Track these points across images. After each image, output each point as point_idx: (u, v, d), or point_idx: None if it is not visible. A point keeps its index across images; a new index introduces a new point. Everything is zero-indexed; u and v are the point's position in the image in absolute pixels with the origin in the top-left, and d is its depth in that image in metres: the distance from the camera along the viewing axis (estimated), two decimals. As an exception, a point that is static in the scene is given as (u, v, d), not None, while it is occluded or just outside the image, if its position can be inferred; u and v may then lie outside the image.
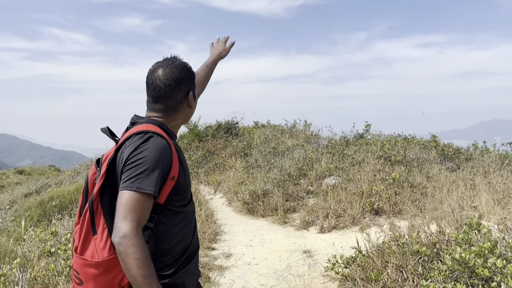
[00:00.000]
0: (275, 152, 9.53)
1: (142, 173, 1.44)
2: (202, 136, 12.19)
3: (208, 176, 9.89)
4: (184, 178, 1.63)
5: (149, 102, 1.69)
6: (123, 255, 1.34)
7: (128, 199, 1.40)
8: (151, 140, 1.52)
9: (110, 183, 1.54)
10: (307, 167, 7.93)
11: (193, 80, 1.75)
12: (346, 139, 10.27)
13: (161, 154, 1.50)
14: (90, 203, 1.50)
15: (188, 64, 1.75)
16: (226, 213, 7.21)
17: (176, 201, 1.60)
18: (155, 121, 1.65)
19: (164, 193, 1.53)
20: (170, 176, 1.53)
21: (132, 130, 1.59)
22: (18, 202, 11.35)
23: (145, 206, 1.43)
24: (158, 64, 1.70)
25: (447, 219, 4.71)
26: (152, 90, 1.66)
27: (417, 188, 6.32)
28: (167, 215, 1.58)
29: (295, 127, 12.86)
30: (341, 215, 5.87)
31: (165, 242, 1.57)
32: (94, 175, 1.61)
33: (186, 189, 1.66)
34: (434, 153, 7.97)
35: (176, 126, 1.75)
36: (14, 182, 25.08)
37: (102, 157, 1.63)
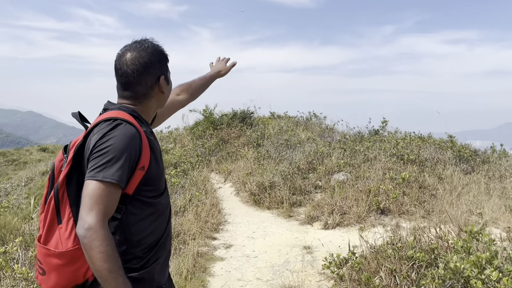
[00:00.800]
0: (287, 144, 9.46)
1: (108, 162, 1.39)
2: (217, 124, 12.19)
3: (219, 164, 9.90)
4: (157, 168, 1.57)
5: (119, 89, 1.63)
6: (87, 248, 1.30)
7: (94, 190, 1.35)
8: (119, 127, 1.46)
9: (77, 170, 1.49)
10: (317, 162, 7.85)
11: (164, 64, 1.67)
12: (360, 134, 10.13)
13: (129, 142, 1.44)
14: (55, 190, 1.46)
15: (160, 47, 1.67)
16: (233, 203, 7.22)
17: (147, 192, 1.54)
18: (126, 108, 1.59)
19: (133, 183, 1.47)
20: (140, 166, 1.47)
21: (101, 117, 1.53)
22: (35, 179, 11.65)
23: (111, 197, 1.38)
24: (126, 47, 1.62)
25: (453, 223, 4.60)
26: (120, 76, 1.60)
27: (427, 189, 6.18)
28: (137, 206, 1.52)
29: (310, 120, 12.76)
30: (346, 212, 5.80)
31: (134, 234, 1.52)
32: (61, 162, 1.57)
33: (159, 179, 1.60)
34: (449, 154, 7.78)
35: (149, 113, 1.68)
36: (36, 159, 25.77)
37: (70, 144, 1.58)
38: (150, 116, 1.71)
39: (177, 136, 12.97)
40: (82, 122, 1.63)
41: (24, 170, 21.34)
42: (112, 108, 1.59)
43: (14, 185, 11.38)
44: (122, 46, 1.64)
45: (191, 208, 5.85)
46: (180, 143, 12.26)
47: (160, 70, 1.64)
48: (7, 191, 10.15)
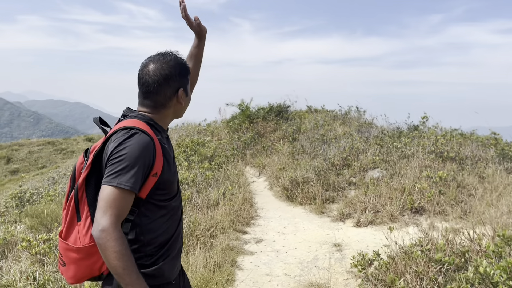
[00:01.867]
0: (323, 139, 9.40)
1: (123, 169, 1.49)
2: (253, 118, 12.27)
3: (254, 158, 9.99)
4: (169, 173, 1.66)
5: (140, 97, 1.72)
6: (102, 248, 1.43)
7: (108, 194, 1.47)
8: (135, 137, 1.55)
9: (96, 174, 1.61)
10: (353, 158, 7.76)
11: (185, 76, 1.75)
12: (399, 130, 9.88)
13: (143, 151, 1.54)
14: (75, 191, 1.59)
15: (182, 60, 1.75)
16: (266, 197, 7.28)
17: (160, 195, 1.65)
18: (143, 117, 1.68)
19: (146, 188, 1.58)
20: (153, 172, 1.57)
21: (119, 125, 1.64)
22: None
23: (124, 201, 1.49)
24: (150, 59, 1.71)
25: (491, 225, 4.44)
26: (141, 85, 1.69)
27: (465, 188, 5.98)
28: (150, 209, 1.63)
29: (348, 114, 12.57)
30: (380, 210, 5.72)
31: (146, 234, 1.63)
32: (81, 164, 1.69)
33: (171, 184, 1.69)
34: (492, 152, 7.47)
35: (165, 121, 1.77)
36: (82, 148, 26.92)
37: (90, 148, 1.70)
38: (167, 124, 1.80)
39: (215, 129, 13.17)
40: (103, 127, 1.74)
41: (71, 159, 22.40)
42: (130, 116, 1.69)
43: (61, 173, 11.98)
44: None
45: (224, 202, 5.96)
46: (217, 136, 12.45)
47: (180, 83, 1.72)
48: (54, 180, 10.71)
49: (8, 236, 4.79)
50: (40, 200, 7.35)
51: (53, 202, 6.08)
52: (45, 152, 27.09)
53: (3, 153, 26.59)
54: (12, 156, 26.33)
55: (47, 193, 7.31)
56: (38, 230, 5.22)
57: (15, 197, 8.14)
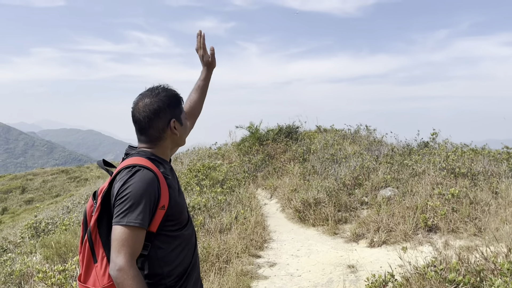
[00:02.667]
0: (333, 159, 9.41)
1: (130, 207, 1.55)
2: (263, 140, 12.35)
3: (265, 180, 10.01)
4: (176, 204, 1.70)
5: (137, 134, 1.80)
6: (120, 287, 1.49)
7: (120, 234, 1.53)
8: (138, 174, 1.62)
9: (107, 214, 1.67)
10: (364, 177, 7.76)
11: (176, 106, 1.80)
12: (409, 147, 9.86)
13: (147, 187, 1.59)
14: (88, 234, 1.65)
15: (171, 91, 1.81)
16: (279, 220, 7.28)
17: (171, 226, 1.69)
18: (144, 153, 1.74)
19: (155, 222, 1.63)
20: (160, 205, 1.63)
21: (122, 164, 1.71)
22: (93, 197, 12.34)
23: (136, 239, 1.55)
24: (140, 96, 1.78)
25: (506, 242, 4.39)
26: (134, 122, 1.77)
27: (479, 204, 5.93)
28: (163, 240, 1.68)
29: (358, 132, 12.58)
30: (393, 229, 5.69)
31: (164, 266, 1.68)
32: (91, 207, 1.75)
33: (180, 214, 1.74)
34: (504, 166, 7.40)
35: (165, 152, 1.82)
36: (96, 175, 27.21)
37: (98, 190, 1.76)
38: (168, 155, 1.85)
39: (225, 152, 13.26)
40: (106, 168, 1.82)
41: (85, 186, 22.61)
42: (132, 154, 1.76)
43: (75, 202, 12.12)
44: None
45: (236, 226, 5.98)
46: (228, 159, 12.53)
47: (171, 114, 1.78)
48: (69, 209, 10.83)
49: (24, 268, 4.87)
50: (55, 230, 7.44)
51: (68, 231, 6.16)
52: (59, 181, 27.42)
53: (18, 183, 26.99)
54: (27, 186, 26.71)
55: (62, 223, 7.40)
56: (53, 261, 5.29)
57: (31, 228, 8.26)
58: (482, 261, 3.44)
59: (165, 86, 1.82)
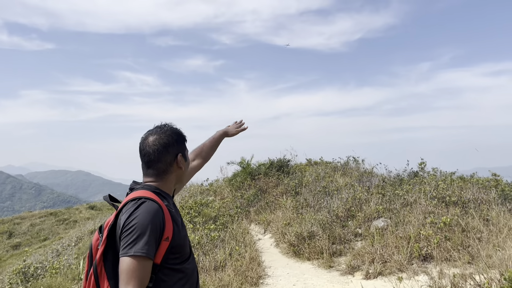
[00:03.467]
0: (325, 191, 9.45)
1: (136, 238, 1.60)
2: (254, 174, 12.38)
3: (258, 215, 9.97)
4: (179, 236, 1.75)
5: (143, 168, 1.87)
6: None
7: (128, 266, 1.56)
8: (143, 205, 1.67)
9: (112, 248, 1.71)
10: (356, 208, 7.79)
11: (182, 143, 1.90)
12: (400, 177, 9.96)
13: (152, 218, 1.65)
14: (94, 267, 1.68)
15: (177, 129, 1.91)
16: (273, 255, 7.22)
17: (174, 259, 1.73)
18: (149, 187, 1.81)
19: (159, 253, 1.67)
20: (164, 237, 1.67)
21: (128, 197, 1.77)
22: (84, 238, 12.12)
23: (144, 269, 1.58)
24: (149, 132, 1.88)
25: (499, 269, 4.42)
26: (143, 156, 1.84)
27: (471, 232, 5.97)
28: (166, 273, 1.71)
29: (348, 164, 12.70)
30: (388, 260, 5.69)
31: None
32: (97, 241, 1.80)
33: (182, 247, 1.78)
34: (494, 194, 7.51)
35: (170, 187, 1.89)
36: (85, 217, 26.77)
37: (104, 224, 1.81)
38: (171, 190, 1.92)
39: (217, 188, 13.22)
40: (112, 202, 1.87)
41: (74, 228, 22.18)
42: (137, 188, 1.82)
43: (64, 245, 11.88)
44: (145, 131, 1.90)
45: (231, 262, 5.92)
46: (220, 195, 12.48)
47: (178, 149, 1.88)
48: (58, 252, 10.61)
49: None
50: (44, 274, 7.27)
51: (59, 275, 6.03)
52: (47, 224, 26.86)
53: (5, 228, 26.35)
54: (14, 230, 26.08)
55: (52, 266, 7.25)
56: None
57: (19, 273, 8.05)
58: None
59: (171, 125, 1.92)
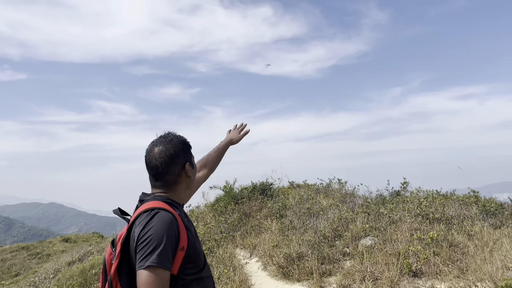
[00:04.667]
0: (310, 212, 9.46)
1: (153, 250, 1.56)
2: (237, 199, 12.29)
3: (244, 239, 9.85)
4: (194, 245, 1.72)
5: (151, 180, 1.84)
6: None
7: (146, 279, 1.52)
8: (157, 216, 1.64)
9: (126, 261, 1.66)
10: (342, 228, 7.81)
11: (188, 151, 1.88)
12: (382, 197, 10.08)
13: (167, 228, 1.62)
14: (109, 282, 1.63)
15: (182, 137, 1.88)
16: (262, 278, 7.11)
17: (189, 269, 1.69)
18: (160, 197, 1.78)
19: (176, 264, 1.63)
20: (180, 247, 1.64)
21: (140, 209, 1.72)
22: (61, 270, 11.66)
23: (161, 281, 1.54)
24: (154, 143, 1.84)
25: (489, 281, 4.49)
26: (150, 169, 1.81)
27: (458, 247, 6.07)
28: (184, 284, 1.67)
29: (330, 186, 12.78)
30: (378, 278, 5.69)
31: None
32: (110, 255, 1.75)
33: (198, 255, 1.74)
34: (475, 209, 7.68)
35: (180, 196, 1.86)
36: (59, 250, 25.78)
37: (116, 238, 1.76)
38: (182, 199, 1.89)
39: (199, 214, 13.03)
40: (123, 216, 1.83)
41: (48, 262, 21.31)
42: (147, 200, 1.78)
43: (41, 278, 11.40)
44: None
45: (221, 286, 5.81)
46: (202, 220, 12.30)
47: (185, 158, 1.85)
48: (36, 284, 10.17)
49: None
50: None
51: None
52: (19, 259, 25.73)
53: (-27, 264, 25.10)
54: (-17, 267, 24.86)
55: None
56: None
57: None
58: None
59: (175, 134, 1.89)
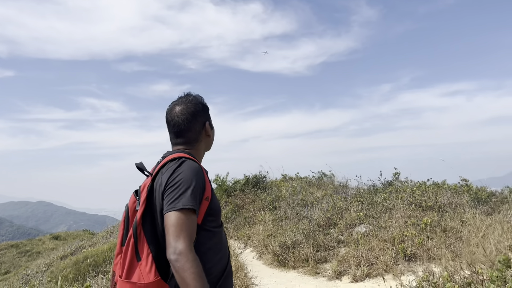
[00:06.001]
0: (303, 203, 9.50)
1: (183, 193, 1.59)
2: (230, 191, 12.31)
3: (237, 230, 9.88)
4: (215, 199, 1.76)
5: (172, 139, 1.86)
6: (181, 270, 1.47)
7: (177, 219, 1.54)
8: (185, 163, 1.68)
9: (150, 209, 1.68)
10: (337, 216, 7.86)
11: (207, 111, 1.92)
12: (375, 187, 10.16)
13: (196, 173, 1.66)
14: (134, 228, 1.63)
15: (201, 98, 1.92)
16: (257, 267, 7.14)
17: (211, 222, 1.73)
18: (183, 151, 1.81)
19: (200, 213, 1.66)
20: (205, 196, 1.67)
21: (166, 159, 1.76)
22: (54, 264, 11.56)
23: (191, 222, 1.57)
24: (174, 102, 1.88)
25: (484, 262, 4.56)
26: (172, 127, 1.84)
27: (451, 232, 6.14)
28: (205, 236, 1.70)
29: (322, 178, 12.85)
30: (374, 262, 5.74)
31: (206, 262, 1.67)
32: (134, 203, 1.76)
33: (219, 212, 1.79)
34: (467, 197, 7.77)
35: (200, 154, 1.89)
36: (50, 247, 25.56)
37: (140, 187, 1.78)
38: (201, 158, 1.92)
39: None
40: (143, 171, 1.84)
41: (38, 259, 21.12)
42: (172, 152, 1.82)
43: (33, 272, 11.30)
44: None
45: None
46: (195, 214, 12.28)
47: (205, 117, 1.89)
48: (29, 277, 10.08)
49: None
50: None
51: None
52: (8, 257, 25.49)
53: (-38, 263, 24.78)
54: (-28, 264, 24.57)
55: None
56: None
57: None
58: (469, 275, 3.55)
59: (195, 94, 1.92)
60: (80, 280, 7.05)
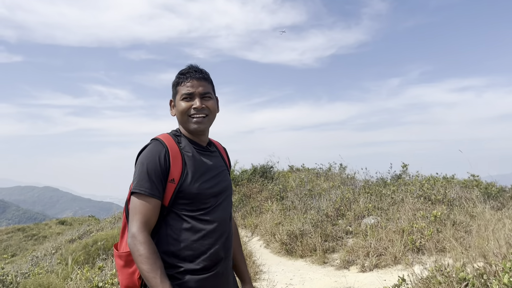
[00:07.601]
0: (311, 194, 9.52)
1: (137, 176, 1.62)
2: (238, 181, 12.35)
3: (245, 219, 9.93)
4: (192, 183, 1.65)
5: None
6: (132, 253, 1.52)
7: (132, 203, 1.60)
8: (148, 146, 1.69)
9: None
10: (345, 208, 7.87)
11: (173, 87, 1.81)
12: (383, 180, 10.15)
13: (151, 156, 1.63)
14: (125, 205, 1.71)
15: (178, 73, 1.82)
16: (265, 255, 7.18)
17: (182, 205, 1.65)
18: (173, 130, 1.82)
19: (167, 195, 1.63)
20: (170, 178, 1.63)
21: None
22: (62, 248, 11.69)
23: (144, 206, 1.57)
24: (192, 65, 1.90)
25: (496, 254, 4.55)
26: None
27: (461, 226, 6.14)
28: (174, 218, 1.65)
29: (330, 170, 12.85)
30: (382, 253, 5.75)
31: (171, 244, 1.63)
32: None
33: (196, 195, 1.66)
34: (476, 192, 7.75)
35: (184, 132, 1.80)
36: (56, 232, 25.82)
37: None
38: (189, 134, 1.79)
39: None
40: None
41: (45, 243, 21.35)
42: None
43: (42, 254, 11.44)
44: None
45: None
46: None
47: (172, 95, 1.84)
48: (38, 259, 10.20)
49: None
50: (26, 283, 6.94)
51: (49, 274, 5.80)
52: (15, 240, 25.77)
53: (-31, 244, 25.13)
54: (-22, 248, 24.89)
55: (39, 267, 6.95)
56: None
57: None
58: (482, 266, 3.55)
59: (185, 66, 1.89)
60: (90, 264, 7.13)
